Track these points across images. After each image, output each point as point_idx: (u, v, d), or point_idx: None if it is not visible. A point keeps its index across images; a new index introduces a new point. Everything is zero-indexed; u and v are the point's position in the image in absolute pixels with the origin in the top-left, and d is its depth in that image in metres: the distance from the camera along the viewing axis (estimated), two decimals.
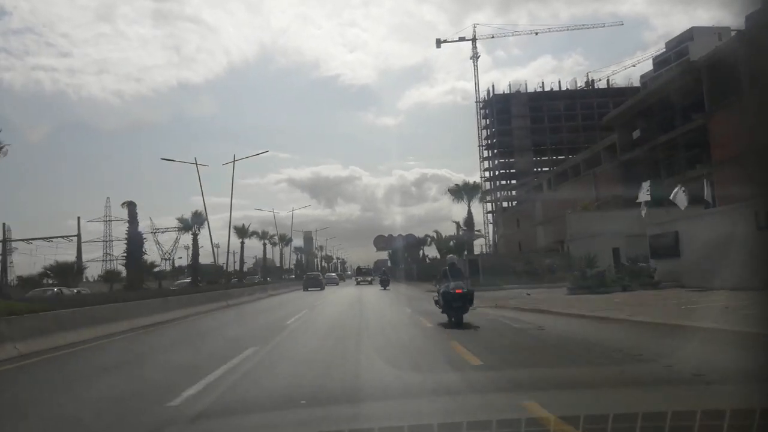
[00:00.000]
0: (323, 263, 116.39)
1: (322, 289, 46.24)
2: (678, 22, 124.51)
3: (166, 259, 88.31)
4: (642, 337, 10.07)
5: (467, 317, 12.85)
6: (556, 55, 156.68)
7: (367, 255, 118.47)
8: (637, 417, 3.36)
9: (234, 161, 41.23)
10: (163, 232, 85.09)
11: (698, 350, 8.02)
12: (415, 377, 6.97)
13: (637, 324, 11.56)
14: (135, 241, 55.66)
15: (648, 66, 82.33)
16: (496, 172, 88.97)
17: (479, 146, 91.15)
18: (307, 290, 44.82)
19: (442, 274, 13.64)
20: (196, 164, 39.42)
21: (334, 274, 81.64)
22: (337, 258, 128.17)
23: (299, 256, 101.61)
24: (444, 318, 12.99)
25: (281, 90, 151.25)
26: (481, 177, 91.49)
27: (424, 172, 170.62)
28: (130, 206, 56.21)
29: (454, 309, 12.64)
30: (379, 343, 10.63)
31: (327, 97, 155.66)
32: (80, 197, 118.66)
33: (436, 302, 13.60)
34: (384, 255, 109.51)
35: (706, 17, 75.10)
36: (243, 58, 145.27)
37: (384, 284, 43.12)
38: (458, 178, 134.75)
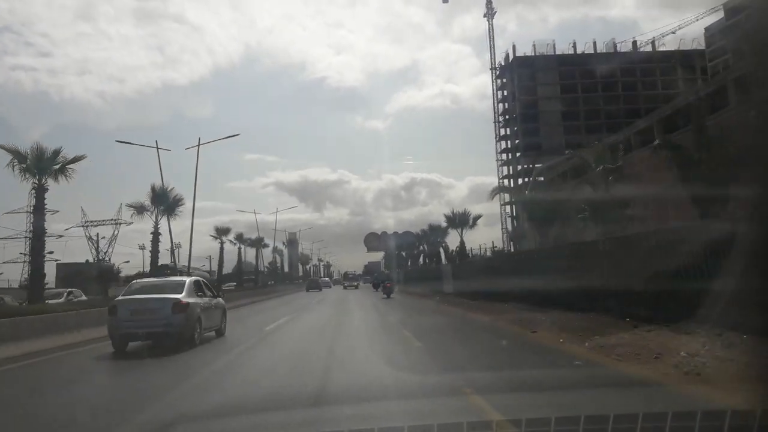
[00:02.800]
0: (304, 267, 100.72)
1: (321, 290, 57.38)
2: (667, 27, 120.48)
3: (101, 260, 72.23)
4: None
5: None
6: None
7: (360, 258, 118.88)
8: (638, 418, 3.32)
9: (198, 145, 32.99)
10: (96, 225, 69.20)
11: None
12: None
13: None
14: (38, 238, 39.10)
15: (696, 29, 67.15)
16: (517, 154, 73.52)
17: (495, 122, 76.04)
18: (309, 291, 55.67)
19: (385, 277, 43.64)
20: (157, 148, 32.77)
21: (327, 278, 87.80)
22: (320, 260, 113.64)
23: (273, 257, 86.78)
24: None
25: (267, 92, 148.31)
26: (497, 160, 76.32)
27: (414, 176, 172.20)
28: (39, 190, 40.46)
29: (386, 291, 34.24)
30: None
31: (314, 99, 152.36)
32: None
33: (381, 290, 36.56)
34: (377, 257, 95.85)
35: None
36: (228, 59, 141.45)
37: (377, 287, 45.60)
38: (448, 182, 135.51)
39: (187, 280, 13.13)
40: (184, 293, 11.88)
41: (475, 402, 5.59)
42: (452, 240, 59.73)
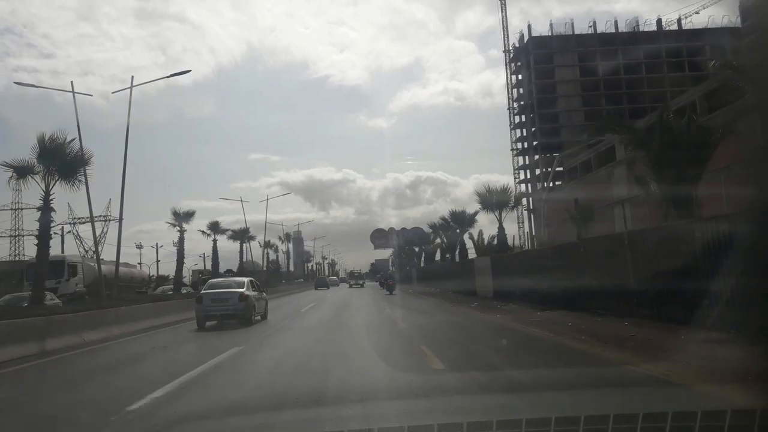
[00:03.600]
0: (305, 265, 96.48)
1: (328, 288, 59.34)
2: (671, 21, 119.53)
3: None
4: None
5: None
6: None
7: (366, 256, 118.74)
8: (638, 418, 3.30)
9: (131, 87, 24.91)
10: (83, 222, 65.42)
11: None
12: None
13: None
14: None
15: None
16: (534, 143, 68.77)
17: (509, 109, 71.34)
18: (317, 289, 57.33)
19: (387, 276, 44.56)
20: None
21: (335, 277, 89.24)
22: (324, 257, 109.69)
23: (266, 253, 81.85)
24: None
25: (270, 91, 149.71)
26: (512, 149, 71.68)
27: (419, 175, 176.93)
28: None
29: (389, 289, 37.70)
30: None
31: (317, 98, 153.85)
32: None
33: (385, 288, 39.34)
34: (384, 254, 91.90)
35: (699, 15, 68.39)
36: (230, 58, 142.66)
37: (383, 286, 42.64)
38: (453, 180, 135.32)
39: (246, 279, 18.22)
40: (245, 288, 16.77)
41: None
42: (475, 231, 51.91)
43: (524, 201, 69.50)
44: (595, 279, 13.92)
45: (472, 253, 43.96)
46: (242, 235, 54.75)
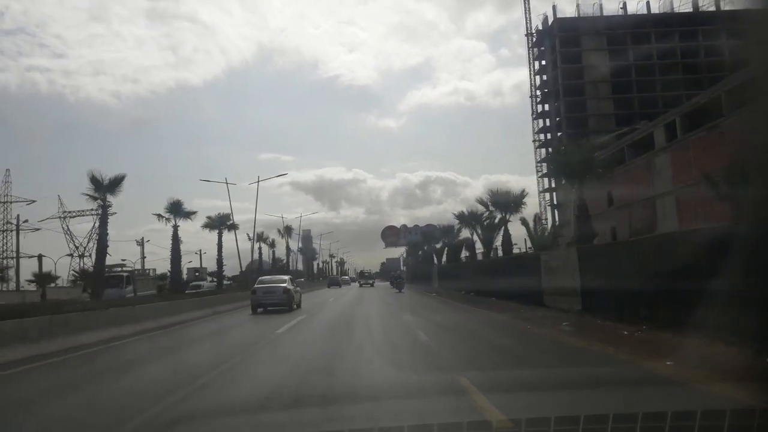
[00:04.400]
0: (308, 264, 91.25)
1: (340, 287, 60.51)
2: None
3: (79, 256, 64.69)
4: None
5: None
6: None
7: (377, 255, 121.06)
8: (637, 417, 3.26)
9: None
10: (74, 216, 61.68)
11: None
12: None
13: None
14: None
15: None
16: (558, 133, 63.93)
17: (531, 97, 66.51)
18: (330, 287, 57.69)
19: (397, 276, 46.80)
20: None
21: (347, 277, 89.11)
22: (332, 256, 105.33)
23: (259, 248, 75.61)
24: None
25: (280, 91, 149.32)
26: (533, 140, 67.00)
27: (429, 175, 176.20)
28: None
29: (398, 287, 40.80)
30: None
31: (327, 98, 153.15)
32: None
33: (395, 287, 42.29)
34: (395, 253, 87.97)
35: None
36: (241, 58, 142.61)
37: (393, 285, 43.30)
38: (463, 180, 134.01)
39: (287, 276, 24.60)
40: (287, 283, 22.15)
41: None
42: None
43: (547, 196, 64.90)
44: None
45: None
46: (221, 223, 42.11)
